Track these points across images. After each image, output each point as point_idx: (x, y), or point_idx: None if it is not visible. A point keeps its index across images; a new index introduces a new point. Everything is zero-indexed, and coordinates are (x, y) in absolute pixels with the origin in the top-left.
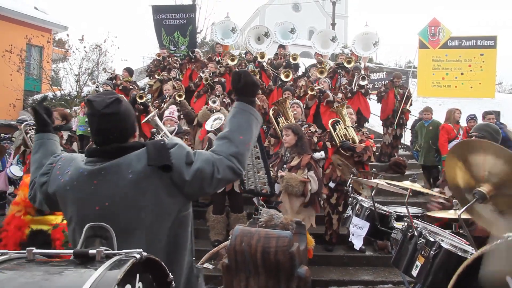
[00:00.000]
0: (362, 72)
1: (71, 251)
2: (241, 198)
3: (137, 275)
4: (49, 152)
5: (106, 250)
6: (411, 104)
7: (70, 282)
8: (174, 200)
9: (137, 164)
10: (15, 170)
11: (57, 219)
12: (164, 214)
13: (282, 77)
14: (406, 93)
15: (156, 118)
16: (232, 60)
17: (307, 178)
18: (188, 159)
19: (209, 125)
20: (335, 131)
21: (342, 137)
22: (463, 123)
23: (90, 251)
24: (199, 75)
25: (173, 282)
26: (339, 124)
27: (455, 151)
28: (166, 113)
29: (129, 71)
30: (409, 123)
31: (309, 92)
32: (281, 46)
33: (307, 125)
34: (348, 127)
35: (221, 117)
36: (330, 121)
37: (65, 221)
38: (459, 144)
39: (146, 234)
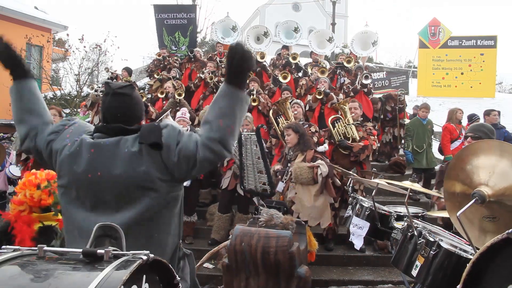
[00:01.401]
0: (365, 71)
1: (80, 250)
2: (248, 200)
3: (144, 276)
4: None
5: (114, 250)
6: (405, 106)
7: (77, 281)
8: (164, 178)
9: (133, 143)
10: (14, 170)
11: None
12: (152, 191)
13: (280, 78)
14: (397, 105)
15: (170, 117)
16: None
17: (316, 164)
18: (178, 138)
19: None
20: (334, 128)
21: (341, 135)
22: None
23: (99, 251)
24: (198, 75)
25: (180, 284)
26: (339, 121)
27: (463, 153)
28: (178, 114)
29: (128, 70)
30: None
31: (317, 96)
32: (285, 47)
33: (307, 125)
34: (348, 124)
35: None
36: (330, 118)
37: None
38: (472, 145)
39: (131, 210)
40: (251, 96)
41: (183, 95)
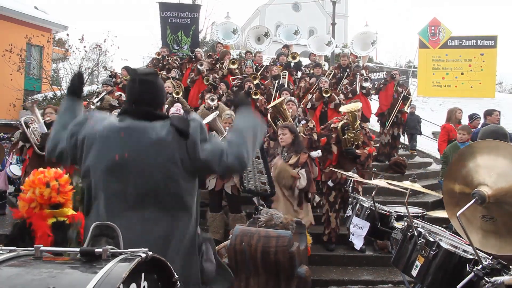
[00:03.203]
0: (364, 72)
1: (78, 249)
2: (237, 199)
3: (143, 275)
4: (75, 117)
5: (112, 248)
6: (409, 105)
7: (76, 280)
8: (185, 167)
9: (161, 130)
10: (15, 170)
11: (70, 211)
12: (174, 176)
13: (289, 58)
14: (405, 93)
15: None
16: (233, 63)
17: (298, 175)
18: (202, 135)
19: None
20: (344, 135)
21: (350, 143)
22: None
23: (96, 250)
24: (194, 66)
25: (178, 282)
26: (348, 128)
27: (464, 152)
28: (173, 109)
29: (128, 70)
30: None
31: (323, 94)
32: (285, 46)
33: (304, 121)
34: (357, 131)
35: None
36: (339, 124)
37: None
38: (473, 144)
39: (155, 190)
40: (251, 92)
41: (181, 93)
